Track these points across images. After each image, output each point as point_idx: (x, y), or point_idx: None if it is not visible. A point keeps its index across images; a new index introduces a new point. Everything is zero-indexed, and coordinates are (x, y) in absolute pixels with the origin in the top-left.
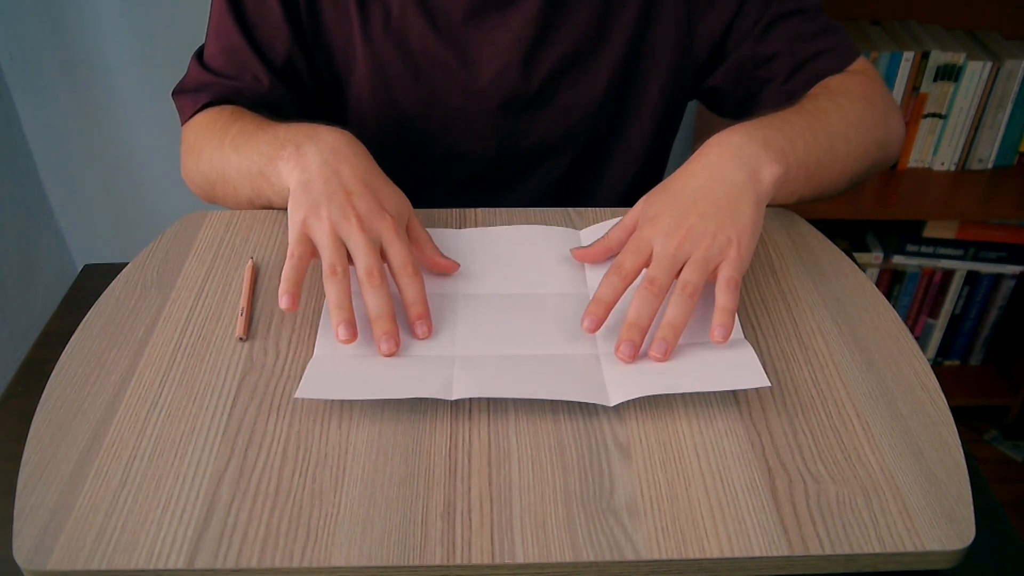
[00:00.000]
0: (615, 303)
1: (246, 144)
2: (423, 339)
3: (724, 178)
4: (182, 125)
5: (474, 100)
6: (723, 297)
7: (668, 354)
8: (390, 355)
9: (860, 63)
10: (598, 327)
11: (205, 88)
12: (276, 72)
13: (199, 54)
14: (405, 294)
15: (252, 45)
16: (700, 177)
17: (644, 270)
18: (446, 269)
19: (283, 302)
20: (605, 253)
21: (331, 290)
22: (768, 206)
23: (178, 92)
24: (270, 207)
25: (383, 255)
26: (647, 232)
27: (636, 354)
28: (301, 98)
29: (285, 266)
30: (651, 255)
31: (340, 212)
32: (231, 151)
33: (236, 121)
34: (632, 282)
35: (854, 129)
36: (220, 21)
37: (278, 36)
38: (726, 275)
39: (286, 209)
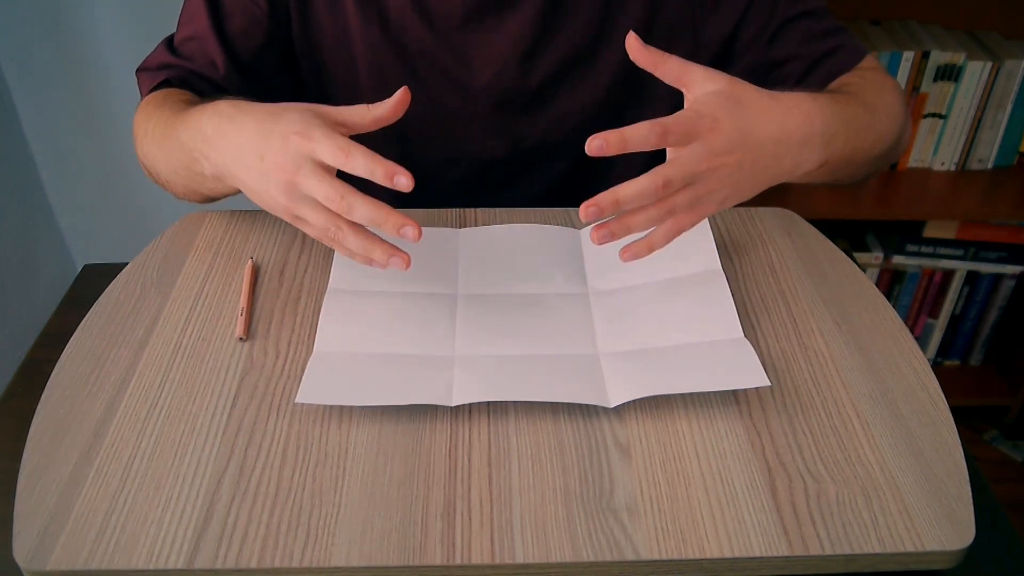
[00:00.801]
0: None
1: (164, 143)
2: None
3: (780, 151)
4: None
5: (472, 102)
6: (673, 225)
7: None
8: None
9: (869, 60)
10: (610, 151)
11: (164, 68)
12: (239, 65)
13: (170, 38)
14: (356, 172)
15: (219, 33)
16: (772, 128)
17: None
18: (387, 113)
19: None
20: (654, 65)
21: (351, 244)
22: (768, 200)
23: (140, 70)
24: (208, 199)
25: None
26: (704, 128)
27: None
28: (262, 93)
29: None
30: (683, 150)
31: (277, 184)
32: (155, 147)
33: (156, 112)
34: (657, 147)
35: (887, 131)
36: (193, 6)
37: (253, 32)
38: (688, 222)
39: (225, 196)
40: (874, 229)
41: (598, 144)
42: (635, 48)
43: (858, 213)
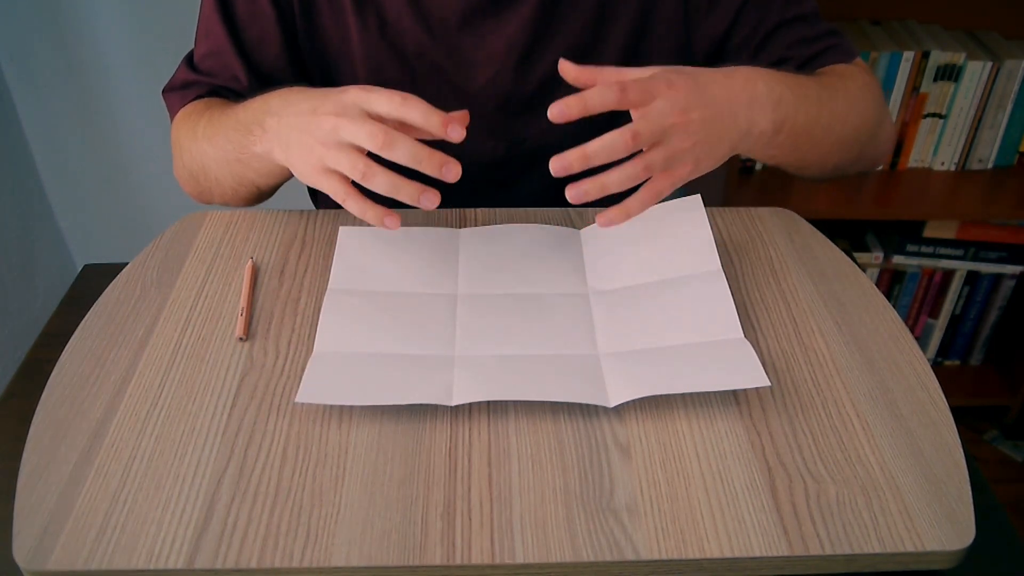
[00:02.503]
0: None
1: (216, 134)
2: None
3: (734, 109)
4: (171, 123)
5: (470, 103)
6: (649, 189)
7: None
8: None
9: (858, 62)
10: (571, 115)
11: (191, 86)
12: (260, 75)
13: (189, 55)
14: (412, 119)
15: (237, 46)
16: (720, 88)
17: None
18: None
19: (390, 223)
20: (593, 79)
21: (379, 184)
22: (768, 200)
23: (167, 90)
24: (256, 189)
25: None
26: (661, 87)
27: (564, 174)
28: None
29: (351, 205)
30: (648, 107)
31: (320, 129)
32: (205, 143)
33: (205, 112)
34: (618, 107)
35: (853, 114)
36: (209, 22)
37: (268, 39)
38: (665, 184)
39: (271, 189)
40: (874, 229)
41: (559, 110)
42: (569, 70)
43: (858, 213)
